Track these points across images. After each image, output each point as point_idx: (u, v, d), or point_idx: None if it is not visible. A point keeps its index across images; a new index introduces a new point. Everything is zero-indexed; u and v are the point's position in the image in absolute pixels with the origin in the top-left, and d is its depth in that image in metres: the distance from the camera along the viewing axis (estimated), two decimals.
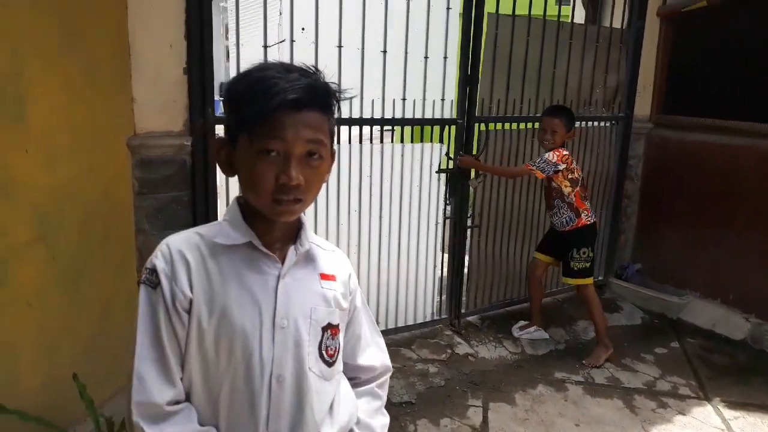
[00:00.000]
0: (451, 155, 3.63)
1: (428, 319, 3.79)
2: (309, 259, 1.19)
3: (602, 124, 4.32)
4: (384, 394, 1.35)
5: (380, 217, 3.48)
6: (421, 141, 3.56)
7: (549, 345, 3.73)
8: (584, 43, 4.04)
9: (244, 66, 2.77)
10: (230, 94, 1.07)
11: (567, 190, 3.42)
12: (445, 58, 3.46)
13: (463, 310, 3.86)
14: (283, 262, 1.13)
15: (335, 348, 1.19)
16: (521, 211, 4.01)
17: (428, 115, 3.49)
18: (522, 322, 3.85)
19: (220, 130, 2.81)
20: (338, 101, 1.09)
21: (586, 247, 3.50)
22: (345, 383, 1.27)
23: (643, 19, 4.27)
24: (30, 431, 2.08)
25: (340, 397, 1.22)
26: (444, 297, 3.87)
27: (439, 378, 3.26)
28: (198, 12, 2.65)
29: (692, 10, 4.21)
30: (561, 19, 3.91)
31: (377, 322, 1.44)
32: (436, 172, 3.62)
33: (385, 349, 1.36)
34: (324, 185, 1.15)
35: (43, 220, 2.15)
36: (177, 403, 1.07)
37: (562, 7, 4.17)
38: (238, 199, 1.16)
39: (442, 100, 3.52)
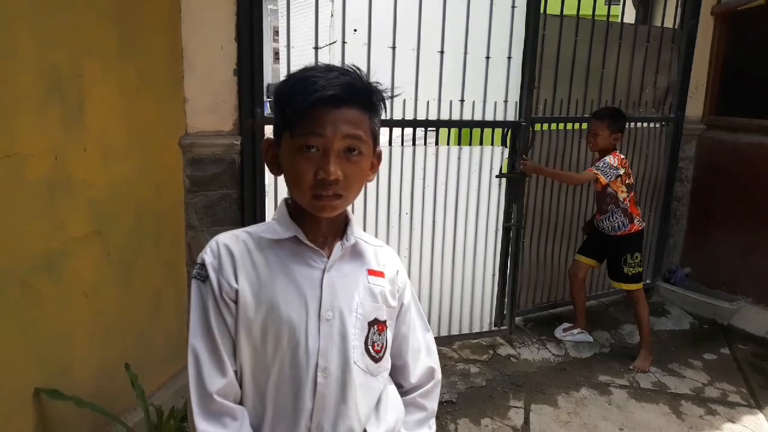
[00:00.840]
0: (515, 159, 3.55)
1: (485, 329, 3.73)
2: (356, 254, 1.21)
3: (652, 125, 4.24)
4: (429, 404, 1.31)
5: (433, 221, 3.45)
6: (481, 143, 3.50)
7: (593, 348, 3.68)
8: (634, 43, 3.98)
9: (294, 68, 2.84)
10: (276, 94, 1.11)
11: (623, 195, 3.38)
12: (509, 58, 3.41)
13: (505, 312, 3.83)
14: (329, 257, 1.16)
15: (382, 344, 1.20)
16: (566, 212, 3.97)
17: (489, 117, 3.44)
18: (566, 324, 3.81)
19: (269, 130, 2.89)
20: (381, 100, 1.11)
21: (639, 252, 3.46)
22: (392, 387, 1.27)
23: (697, 18, 4.17)
24: (84, 417, 2.19)
25: (387, 398, 1.22)
26: (495, 302, 3.80)
27: (481, 378, 3.26)
28: (248, 15, 2.73)
29: (749, 8, 4.09)
30: (610, 20, 3.86)
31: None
32: (497, 176, 3.55)
33: (435, 351, 1.34)
34: (374, 186, 1.17)
35: (99, 215, 2.24)
36: (230, 396, 1.11)
37: (612, 6, 4.11)
38: (286, 199, 1.19)
39: (505, 101, 3.45)
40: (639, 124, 4.15)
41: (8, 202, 1.81)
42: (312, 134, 1.05)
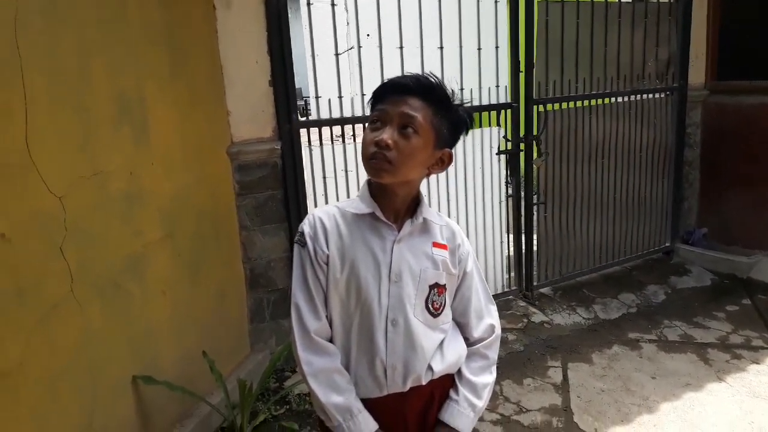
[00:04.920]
0: (509, 137, 3.83)
1: (499, 291, 4.02)
2: (424, 230, 1.46)
3: (657, 95, 4.44)
4: (491, 353, 1.55)
5: (447, 200, 3.71)
6: (480, 126, 3.76)
7: (621, 309, 3.91)
8: (633, 20, 4.18)
9: (320, 73, 3.10)
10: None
11: None
12: (497, 47, 3.70)
13: (535, 283, 4.06)
14: (400, 231, 1.42)
15: (441, 303, 1.46)
16: (585, 185, 4.18)
17: (485, 101, 3.71)
18: None
19: (304, 133, 3.16)
20: (443, 97, 1.36)
21: None
22: (456, 333, 1.52)
23: None
24: (173, 399, 2.47)
25: (449, 342, 1.48)
26: (512, 273, 4.08)
27: (518, 344, 3.51)
28: (278, 30, 2.98)
29: None
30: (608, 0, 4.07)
31: None
32: (496, 153, 3.84)
33: (496, 314, 1.58)
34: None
35: (167, 221, 2.52)
36: (323, 336, 1.40)
37: None
38: (368, 180, 1.44)
39: (497, 86, 3.74)
40: (644, 96, 4.35)
41: (99, 213, 2.09)
42: (378, 110, 1.34)
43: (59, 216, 1.88)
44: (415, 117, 1.31)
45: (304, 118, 3.25)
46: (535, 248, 4.06)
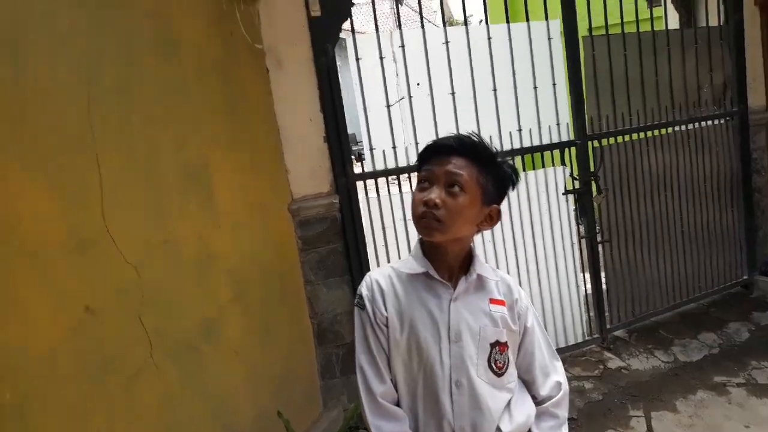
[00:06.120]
0: (576, 176, 3.76)
1: (579, 340, 3.86)
2: (480, 286, 1.44)
3: (716, 122, 4.31)
4: (560, 412, 1.50)
5: (515, 245, 3.64)
6: (543, 166, 3.70)
7: (702, 350, 3.71)
8: (682, 47, 4.09)
9: (372, 126, 3.14)
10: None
11: None
12: (554, 84, 3.66)
13: (608, 326, 3.90)
14: (455, 288, 1.40)
15: (504, 361, 1.43)
16: (650, 220, 4.04)
17: (545, 141, 3.66)
18: None
19: (360, 186, 3.18)
20: (488, 156, 1.37)
21: None
22: (524, 392, 1.48)
23: (741, 11, 4.26)
24: None
25: (517, 401, 1.44)
26: (591, 314, 3.93)
27: (596, 393, 3.35)
28: (328, 87, 3.05)
29: None
30: (654, 23, 4.00)
31: None
32: (563, 193, 3.75)
33: (561, 369, 1.54)
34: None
35: (236, 282, 2.53)
36: (390, 399, 1.39)
37: (654, 9, 4.25)
38: (420, 239, 1.45)
39: (557, 124, 3.68)
40: (703, 123, 4.22)
41: (172, 279, 2.11)
42: (425, 171, 1.36)
43: (136, 284, 1.91)
44: (460, 175, 1.33)
45: (359, 170, 3.27)
46: (604, 288, 3.92)
